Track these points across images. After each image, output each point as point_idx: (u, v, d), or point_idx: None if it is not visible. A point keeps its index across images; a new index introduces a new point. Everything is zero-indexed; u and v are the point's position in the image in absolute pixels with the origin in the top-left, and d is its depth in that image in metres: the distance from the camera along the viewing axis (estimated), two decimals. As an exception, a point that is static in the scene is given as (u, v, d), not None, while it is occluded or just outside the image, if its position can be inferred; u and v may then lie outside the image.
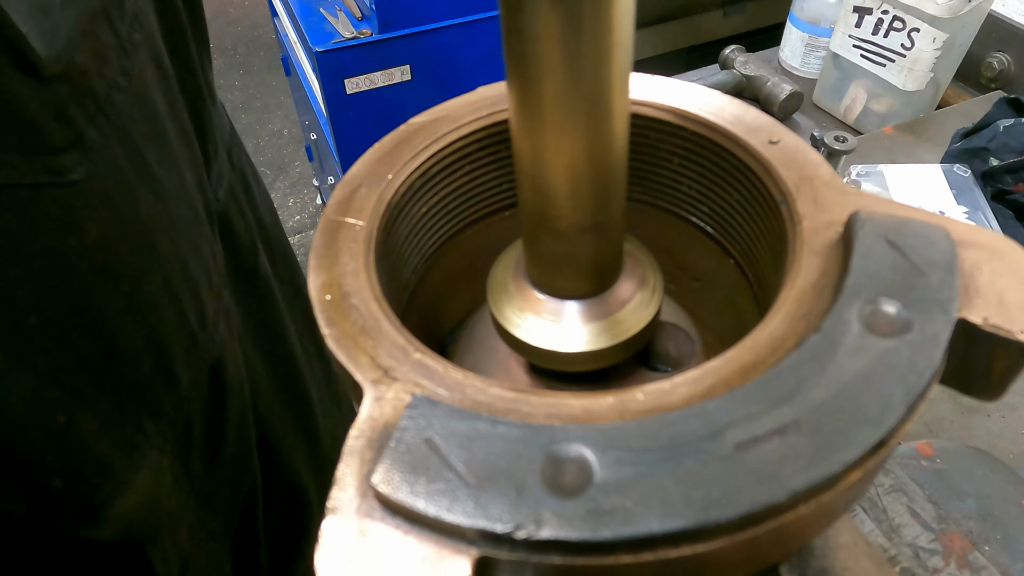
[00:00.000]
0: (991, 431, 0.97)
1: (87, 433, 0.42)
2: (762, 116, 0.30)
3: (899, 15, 1.28)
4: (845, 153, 0.99)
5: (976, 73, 1.51)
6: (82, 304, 0.40)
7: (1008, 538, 0.45)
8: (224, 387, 0.56)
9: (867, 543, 0.25)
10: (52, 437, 0.40)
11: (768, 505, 0.18)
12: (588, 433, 0.20)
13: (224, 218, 0.62)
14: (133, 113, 0.42)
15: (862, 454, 0.19)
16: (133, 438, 0.46)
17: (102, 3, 0.39)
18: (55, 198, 0.37)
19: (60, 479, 0.41)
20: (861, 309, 0.21)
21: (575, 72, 0.21)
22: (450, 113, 0.32)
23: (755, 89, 1.49)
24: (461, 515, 0.19)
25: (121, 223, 0.42)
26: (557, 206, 0.25)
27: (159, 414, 0.48)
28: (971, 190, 1.12)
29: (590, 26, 0.20)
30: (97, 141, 0.39)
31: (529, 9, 0.20)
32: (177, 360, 0.49)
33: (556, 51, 0.20)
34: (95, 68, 0.39)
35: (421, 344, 0.24)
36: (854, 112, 1.46)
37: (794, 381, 0.20)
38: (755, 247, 0.30)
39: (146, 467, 0.47)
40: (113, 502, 0.44)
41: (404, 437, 0.21)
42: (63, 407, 0.40)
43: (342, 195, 0.29)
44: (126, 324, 0.44)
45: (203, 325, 0.52)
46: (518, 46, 0.21)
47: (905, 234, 0.23)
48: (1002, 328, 0.21)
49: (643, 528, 0.18)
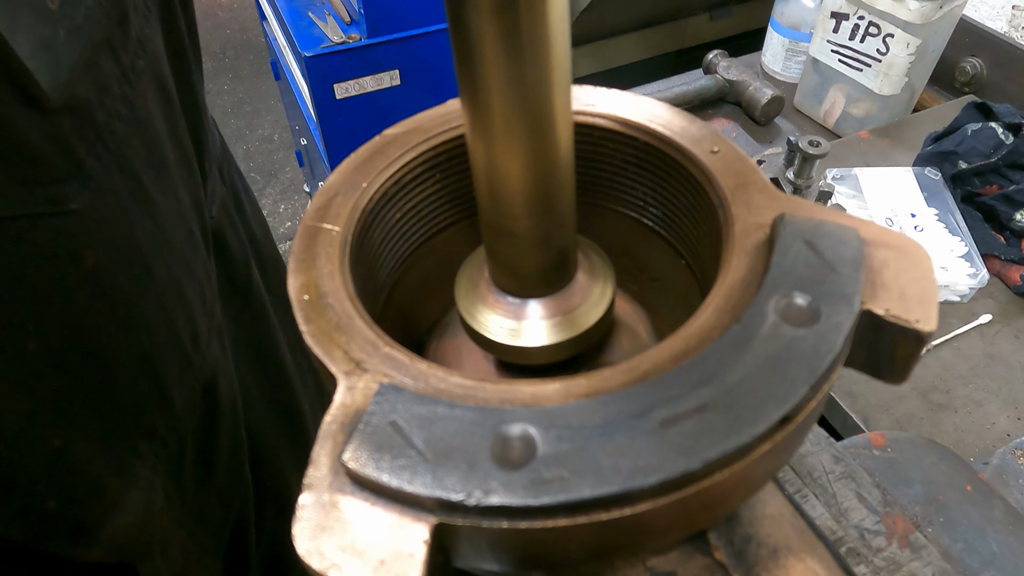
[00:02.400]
0: (958, 426, 1.01)
1: (81, 456, 0.43)
2: (705, 127, 0.32)
3: (874, 21, 1.32)
4: (819, 157, 1.02)
5: (951, 77, 1.55)
6: (79, 330, 0.41)
7: (950, 520, 0.48)
8: (217, 405, 0.57)
9: (792, 514, 0.28)
10: (47, 460, 0.40)
11: (685, 472, 0.21)
12: (533, 414, 0.23)
13: (217, 235, 0.63)
14: (133, 140, 0.43)
15: (769, 428, 0.21)
16: (126, 459, 0.46)
17: (105, 34, 0.40)
18: (54, 227, 0.37)
19: (54, 501, 0.41)
20: (777, 302, 0.24)
21: (518, 92, 0.23)
22: (422, 125, 0.34)
23: (737, 93, 1.52)
24: (420, 486, 0.22)
25: (118, 250, 0.42)
26: (511, 214, 0.27)
27: (152, 435, 0.49)
28: (941, 192, 1.16)
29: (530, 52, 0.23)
30: (97, 170, 0.39)
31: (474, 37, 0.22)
32: (171, 381, 0.50)
33: (500, 74, 0.23)
34: (96, 98, 0.39)
35: (390, 339, 0.27)
36: (833, 116, 1.49)
37: (714, 366, 0.23)
38: (700, 248, 0.33)
39: (138, 487, 0.47)
40: (106, 523, 0.45)
41: (372, 420, 0.24)
42: (58, 431, 0.41)
43: (320, 202, 0.31)
44: (121, 348, 0.44)
45: (196, 345, 0.53)
46: (467, 69, 0.23)
47: (821, 235, 0.26)
48: (901, 318, 0.24)
49: (577, 494, 0.21)
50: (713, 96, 1.53)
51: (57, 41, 0.35)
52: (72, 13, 0.36)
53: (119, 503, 0.46)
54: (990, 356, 1.08)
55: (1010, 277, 1.14)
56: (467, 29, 0.22)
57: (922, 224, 1.14)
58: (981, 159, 1.16)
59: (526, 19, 0.22)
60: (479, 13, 0.21)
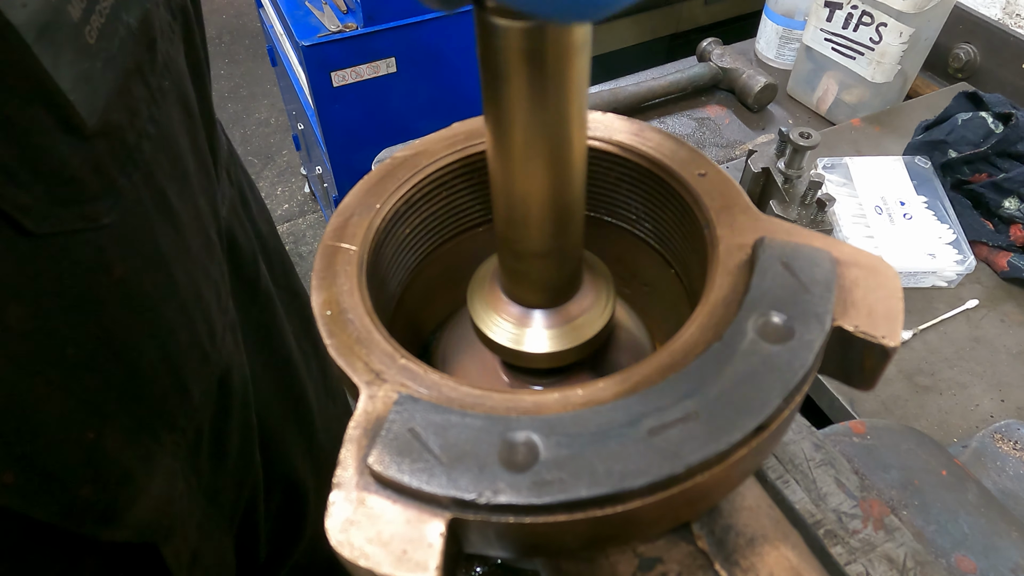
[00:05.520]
0: (942, 408, 1.04)
1: (112, 447, 0.46)
2: (693, 151, 0.35)
3: (867, 10, 1.33)
4: (810, 148, 1.04)
5: (944, 64, 1.57)
6: (109, 334, 0.44)
7: (924, 504, 0.51)
8: (230, 394, 0.61)
9: (770, 506, 0.31)
10: (83, 452, 0.44)
11: (670, 475, 0.23)
12: (536, 422, 0.25)
13: (228, 234, 0.66)
14: (159, 156, 0.46)
15: (745, 436, 0.24)
16: (151, 448, 0.50)
17: (136, 61, 0.42)
18: (88, 241, 0.40)
19: (89, 488, 0.45)
20: (755, 320, 0.27)
21: (541, 128, 0.26)
22: (428, 148, 0.37)
23: (731, 81, 1.54)
24: (437, 487, 0.25)
25: (143, 259, 0.45)
26: (525, 235, 0.30)
27: (174, 426, 0.52)
28: (930, 181, 1.18)
29: (553, 102, 0.25)
30: (126, 187, 0.42)
31: (505, 88, 0.25)
32: (190, 376, 0.53)
33: (525, 116, 0.26)
34: (127, 121, 0.42)
35: (406, 351, 0.30)
36: (826, 103, 1.51)
37: (697, 379, 0.26)
38: (688, 261, 0.36)
39: (161, 474, 0.51)
40: (132, 507, 0.48)
41: (392, 427, 0.26)
42: (92, 425, 0.44)
43: (337, 223, 0.34)
44: (146, 349, 0.47)
45: (213, 342, 0.56)
46: (495, 110, 0.26)
47: (796, 257, 0.29)
48: (869, 334, 0.27)
49: (575, 494, 0.23)
50: (707, 83, 1.54)
51: (95, 72, 0.37)
52: (107, 45, 0.38)
53: (144, 489, 0.49)
54: (976, 340, 1.12)
55: (997, 263, 1.17)
56: (498, 77, 0.25)
57: (911, 212, 1.17)
58: (971, 148, 1.18)
59: (553, 72, 0.24)
60: (511, 65, 0.24)
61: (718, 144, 1.46)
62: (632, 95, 1.45)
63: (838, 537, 0.45)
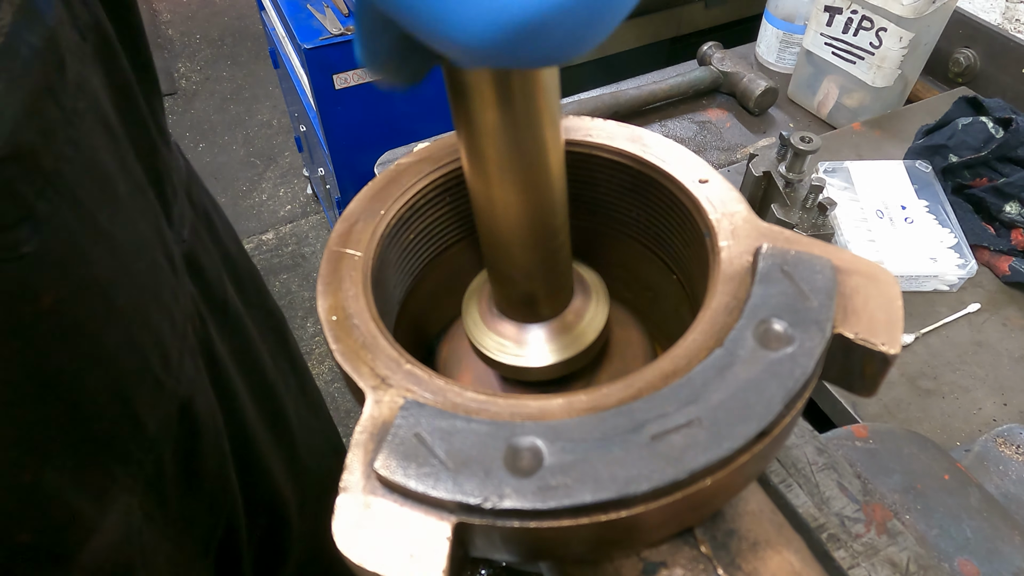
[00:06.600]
0: (945, 411, 1.04)
1: (53, 487, 0.43)
2: (695, 158, 0.35)
3: (867, 15, 1.34)
4: (811, 153, 1.05)
5: (944, 68, 1.57)
6: (41, 366, 0.41)
7: (927, 508, 0.51)
8: (197, 422, 0.58)
9: (772, 510, 0.31)
10: (17, 495, 0.41)
11: (673, 481, 0.24)
12: (540, 428, 0.26)
13: (191, 257, 0.64)
14: (82, 179, 0.43)
15: (747, 441, 0.24)
16: (101, 484, 0.47)
17: (45, 81, 0.40)
18: (7, 272, 0.38)
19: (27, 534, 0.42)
20: (756, 328, 0.27)
21: (513, 160, 0.27)
22: (432, 154, 0.37)
23: (732, 85, 1.54)
24: (443, 491, 0.25)
25: (76, 286, 0.43)
26: (509, 257, 0.31)
27: (128, 459, 0.50)
28: (931, 185, 1.19)
29: (524, 132, 0.26)
30: (47, 213, 0.40)
31: (475, 113, 0.26)
32: (142, 406, 0.50)
33: (496, 148, 0.26)
34: (42, 144, 0.39)
35: (411, 356, 0.30)
36: (827, 107, 1.51)
37: (700, 386, 0.26)
38: (690, 268, 0.36)
39: (115, 510, 0.48)
40: (83, 548, 0.46)
41: (399, 432, 0.27)
42: (28, 465, 0.41)
43: (342, 229, 0.34)
44: (88, 381, 0.45)
45: (168, 369, 0.53)
46: (467, 136, 0.27)
47: (797, 264, 0.29)
48: (869, 341, 0.27)
49: (579, 499, 0.24)
50: (707, 87, 1.55)
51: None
52: (9, 65, 0.36)
53: (96, 528, 0.47)
54: (978, 344, 1.12)
55: (999, 267, 1.17)
56: (470, 112, 0.25)
57: (912, 216, 1.17)
58: (972, 153, 1.18)
59: (522, 106, 0.25)
60: (483, 102, 0.25)
61: (719, 148, 1.46)
62: (633, 99, 1.45)
63: (841, 541, 0.45)
